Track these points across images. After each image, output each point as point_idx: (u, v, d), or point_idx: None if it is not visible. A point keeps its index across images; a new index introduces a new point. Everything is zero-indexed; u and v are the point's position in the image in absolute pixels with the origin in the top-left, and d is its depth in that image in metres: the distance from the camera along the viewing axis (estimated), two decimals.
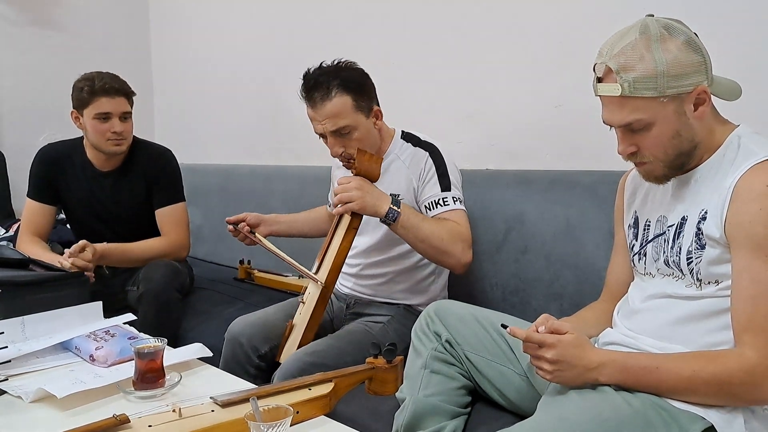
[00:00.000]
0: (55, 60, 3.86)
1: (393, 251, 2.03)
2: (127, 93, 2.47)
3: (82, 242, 2.24)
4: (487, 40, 2.39)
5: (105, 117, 2.41)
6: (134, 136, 2.57)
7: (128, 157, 2.56)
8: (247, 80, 3.54)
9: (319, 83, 1.87)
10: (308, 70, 1.92)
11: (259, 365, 1.95)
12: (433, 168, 1.94)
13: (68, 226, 2.77)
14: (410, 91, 2.63)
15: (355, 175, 1.84)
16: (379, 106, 1.99)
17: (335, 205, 1.84)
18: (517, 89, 2.32)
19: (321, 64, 1.93)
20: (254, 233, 2.16)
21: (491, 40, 2.37)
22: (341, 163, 1.98)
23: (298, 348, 1.86)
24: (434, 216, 1.89)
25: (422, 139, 2.03)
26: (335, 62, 1.93)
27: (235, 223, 2.17)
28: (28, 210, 2.56)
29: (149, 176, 2.56)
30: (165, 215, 2.56)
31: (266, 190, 3.17)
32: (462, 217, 1.89)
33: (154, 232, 2.57)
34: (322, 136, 1.93)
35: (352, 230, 1.87)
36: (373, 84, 1.98)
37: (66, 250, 2.22)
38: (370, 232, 2.03)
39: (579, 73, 2.06)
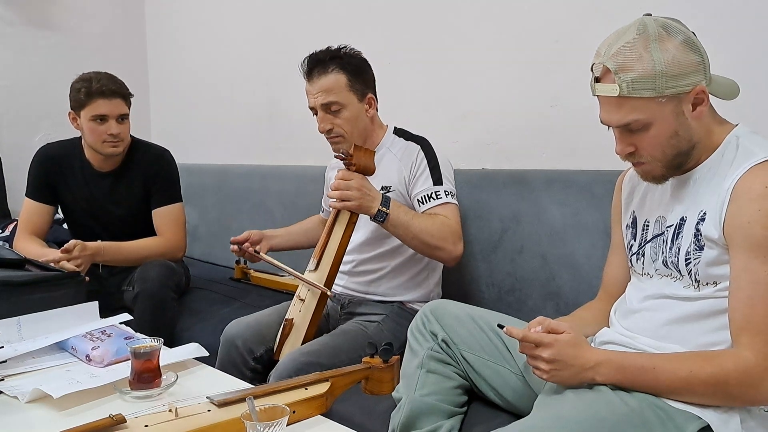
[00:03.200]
0: (51, 60, 3.85)
1: (385, 246, 2.04)
2: (125, 95, 2.46)
3: (72, 242, 2.23)
4: (482, 40, 2.39)
5: (101, 119, 2.40)
6: (133, 137, 2.56)
7: (127, 158, 2.55)
8: (243, 80, 3.54)
9: (320, 60, 1.97)
10: (314, 51, 2.00)
11: (254, 368, 1.95)
12: (425, 161, 1.97)
13: (65, 226, 2.77)
14: (406, 91, 2.63)
15: (354, 170, 1.85)
16: (375, 95, 2.04)
17: (337, 199, 1.84)
18: (512, 89, 2.32)
19: (328, 47, 2.00)
20: (258, 252, 2.15)
21: (487, 40, 2.37)
22: (334, 163, 1.99)
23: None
24: (426, 210, 1.92)
25: (414, 134, 2.08)
26: (340, 46, 2.01)
27: (240, 243, 2.16)
28: (26, 210, 2.55)
29: (148, 177, 2.56)
30: (162, 216, 2.56)
31: (262, 189, 3.17)
32: (453, 210, 1.92)
33: (151, 233, 2.57)
34: (313, 111, 2.00)
35: (352, 225, 1.90)
36: (372, 73, 2.04)
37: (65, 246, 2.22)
38: (361, 228, 2.04)
39: (575, 73, 2.07)
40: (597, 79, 1.27)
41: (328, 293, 1.89)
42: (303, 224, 2.40)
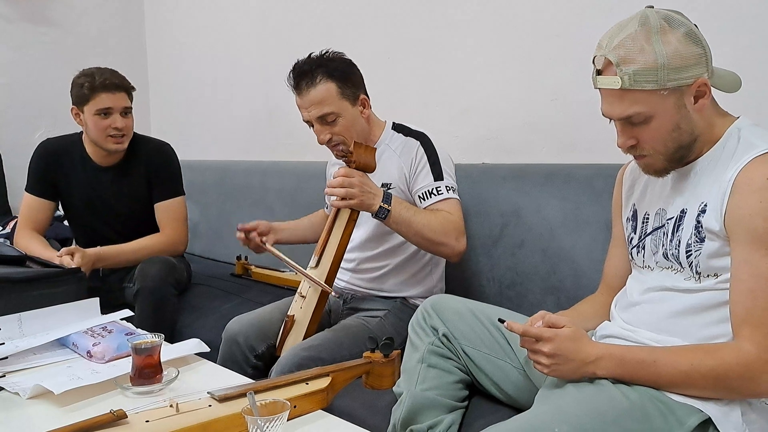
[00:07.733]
0: (50, 57, 3.85)
1: (388, 244, 2.03)
2: (127, 88, 2.46)
3: (72, 247, 2.23)
4: (482, 35, 2.38)
5: (106, 113, 2.40)
6: (134, 132, 2.56)
7: (128, 152, 2.55)
8: (243, 76, 3.54)
9: (305, 71, 1.92)
10: (297, 60, 1.97)
11: (256, 365, 1.95)
12: (425, 157, 1.96)
13: (66, 223, 2.76)
14: (406, 86, 2.62)
15: (354, 168, 1.84)
16: (366, 94, 2.01)
17: (339, 197, 1.81)
18: (512, 83, 2.32)
19: (309, 54, 1.97)
20: (264, 243, 2.14)
21: (487, 34, 2.37)
22: (334, 160, 1.98)
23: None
24: (427, 206, 1.90)
25: (413, 129, 2.05)
26: (322, 52, 1.97)
27: (247, 231, 2.15)
28: (26, 205, 2.55)
29: (150, 171, 2.56)
30: (164, 210, 2.55)
31: (262, 186, 3.17)
32: (454, 206, 1.91)
33: (153, 227, 2.57)
34: (309, 123, 1.97)
35: (352, 222, 1.88)
36: (360, 73, 2.01)
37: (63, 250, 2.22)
38: (364, 225, 2.04)
39: (574, 67, 2.07)
40: (599, 72, 1.27)
41: (330, 291, 1.88)
42: (310, 218, 2.39)
